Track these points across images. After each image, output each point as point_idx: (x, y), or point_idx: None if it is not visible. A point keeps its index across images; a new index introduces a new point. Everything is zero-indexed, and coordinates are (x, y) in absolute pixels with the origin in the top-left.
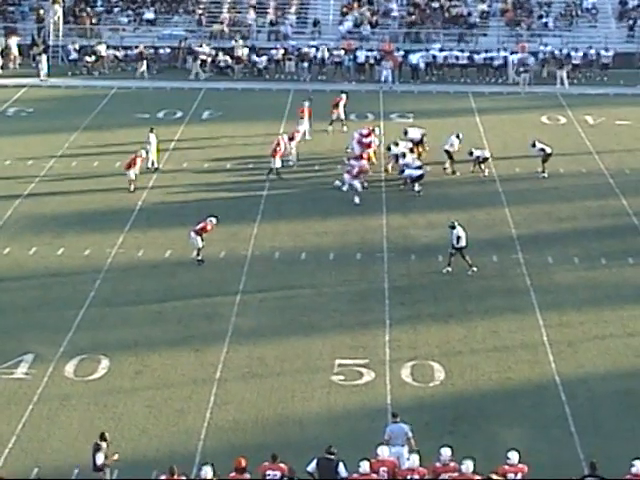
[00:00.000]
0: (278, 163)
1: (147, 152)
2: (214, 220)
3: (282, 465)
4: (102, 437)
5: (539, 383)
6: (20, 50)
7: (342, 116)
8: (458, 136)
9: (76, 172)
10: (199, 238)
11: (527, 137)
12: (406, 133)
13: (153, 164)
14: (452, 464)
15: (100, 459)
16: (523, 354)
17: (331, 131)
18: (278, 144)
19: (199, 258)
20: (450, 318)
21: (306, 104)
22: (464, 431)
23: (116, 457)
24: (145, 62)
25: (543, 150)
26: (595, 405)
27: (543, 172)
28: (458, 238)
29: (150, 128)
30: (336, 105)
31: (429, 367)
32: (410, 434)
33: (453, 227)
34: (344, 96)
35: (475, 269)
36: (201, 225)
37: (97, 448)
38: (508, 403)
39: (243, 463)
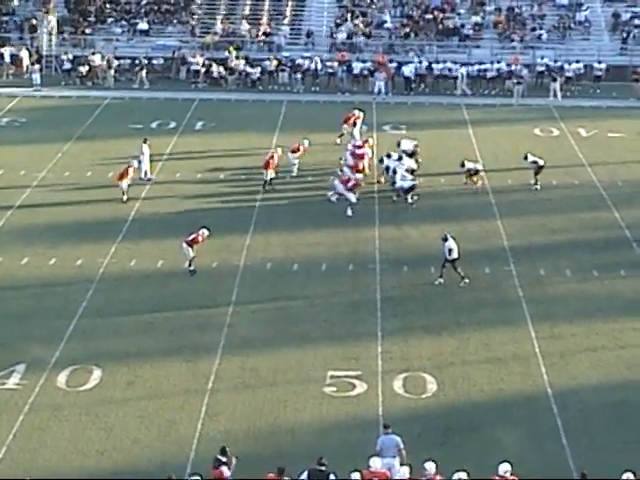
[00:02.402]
0: (271, 174)
1: (140, 163)
2: (206, 232)
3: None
4: (223, 452)
5: (531, 395)
6: (13, 60)
7: (350, 129)
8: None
9: (69, 182)
10: (190, 249)
11: (520, 149)
12: (399, 145)
13: (146, 175)
14: (437, 477)
15: (227, 473)
16: (515, 366)
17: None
18: (272, 157)
19: (191, 268)
20: (442, 330)
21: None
22: (456, 442)
23: (235, 461)
24: (113, 71)
25: (535, 162)
26: (587, 417)
27: (536, 184)
28: (450, 250)
29: (143, 139)
30: (354, 122)
31: (421, 379)
32: (402, 445)
33: (445, 239)
34: (358, 113)
35: (467, 281)
36: (193, 236)
37: (220, 463)
38: (500, 415)
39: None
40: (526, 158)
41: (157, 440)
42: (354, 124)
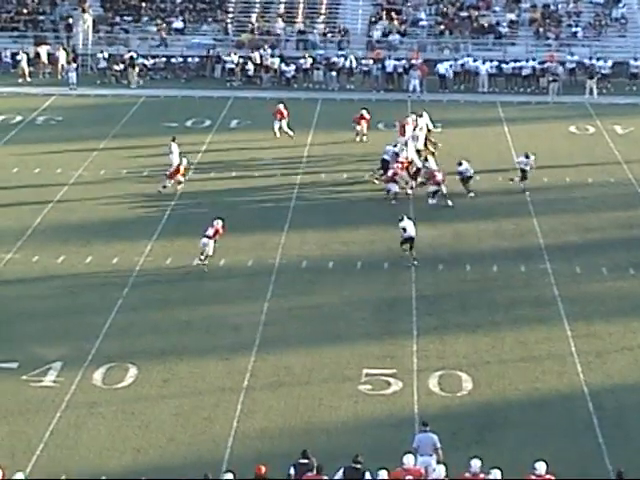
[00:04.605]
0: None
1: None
2: (220, 222)
3: (325, 478)
4: (305, 455)
5: (567, 394)
6: (49, 58)
7: (364, 131)
8: (527, 156)
9: (104, 180)
10: (211, 242)
11: (555, 147)
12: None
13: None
14: (481, 475)
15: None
16: (551, 364)
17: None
18: (395, 173)
19: (205, 262)
20: (478, 328)
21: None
22: (491, 441)
23: (315, 463)
24: (136, 70)
25: (462, 173)
26: (623, 416)
27: (469, 192)
28: (403, 229)
29: (172, 137)
30: (361, 119)
31: (457, 377)
32: (439, 444)
33: (400, 220)
34: (366, 113)
35: (416, 263)
36: (212, 230)
37: (307, 468)
38: (535, 413)
39: (263, 470)
40: (460, 164)
41: (193, 438)
42: (358, 122)
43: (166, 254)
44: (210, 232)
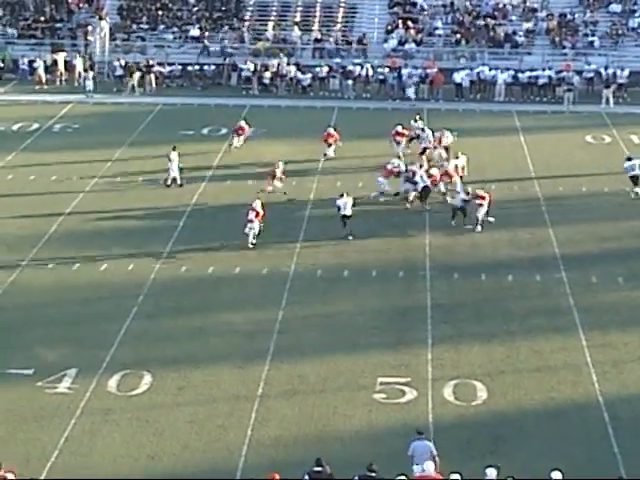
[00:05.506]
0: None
1: (170, 170)
2: (258, 202)
3: None
4: (319, 463)
5: (582, 403)
6: (66, 66)
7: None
8: (630, 159)
9: (120, 188)
10: (256, 223)
11: (571, 156)
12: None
13: (175, 181)
14: None
15: None
16: (566, 374)
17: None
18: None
19: (254, 242)
20: (493, 337)
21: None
22: (506, 450)
23: (329, 470)
24: (138, 75)
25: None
26: (638, 425)
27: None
28: (339, 207)
29: (172, 146)
30: (329, 137)
31: (471, 386)
32: (435, 452)
33: (341, 196)
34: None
35: (351, 238)
36: (253, 213)
37: (321, 476)
38: (551, 423)
39: (277, 478)
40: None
41: (207, 445)
42: (328, 143)
43: (181, 262)
44: (252, 216)
